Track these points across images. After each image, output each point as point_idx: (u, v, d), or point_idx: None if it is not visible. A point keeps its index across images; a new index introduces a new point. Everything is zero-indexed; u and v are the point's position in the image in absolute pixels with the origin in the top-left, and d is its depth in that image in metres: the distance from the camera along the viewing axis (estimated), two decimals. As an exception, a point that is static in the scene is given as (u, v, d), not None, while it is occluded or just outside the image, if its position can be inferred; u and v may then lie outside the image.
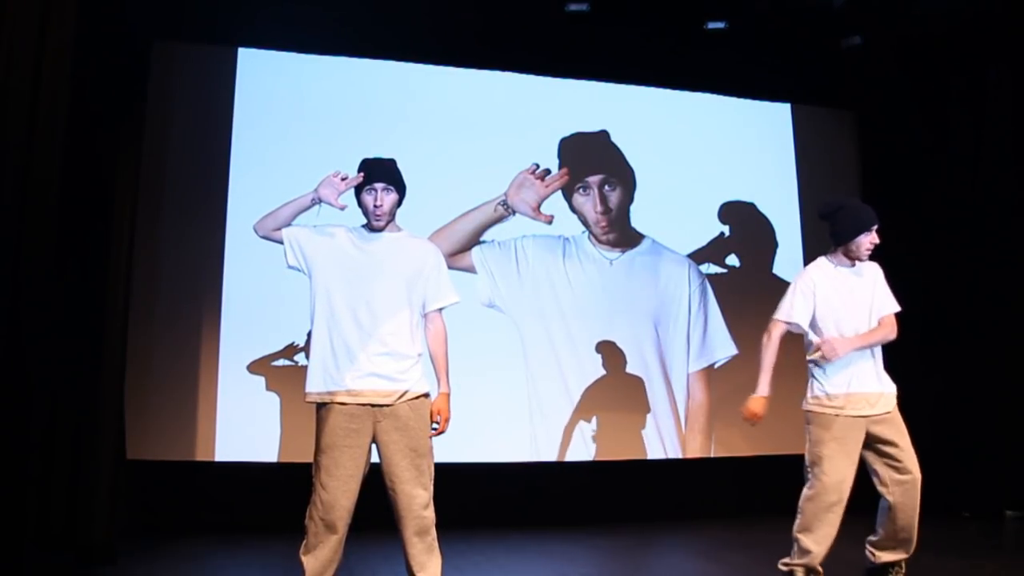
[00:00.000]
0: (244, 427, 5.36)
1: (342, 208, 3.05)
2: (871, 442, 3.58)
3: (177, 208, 5.53)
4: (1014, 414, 5.84)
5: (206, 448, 5.31)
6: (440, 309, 3.16)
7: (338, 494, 2.96)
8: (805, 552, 3.54)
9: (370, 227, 3.11)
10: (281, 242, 3.07)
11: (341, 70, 5.95)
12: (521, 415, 5.85)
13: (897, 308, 3.67)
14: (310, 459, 3.05)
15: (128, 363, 4.74)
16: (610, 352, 6.10)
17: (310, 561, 2.98)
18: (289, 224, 3.07)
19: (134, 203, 4.70)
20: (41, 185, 3.50)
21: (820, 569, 3.58)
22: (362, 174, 3.05)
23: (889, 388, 3.63)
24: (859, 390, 3.57)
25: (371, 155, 3.16)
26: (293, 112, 5.78)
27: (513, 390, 5.86)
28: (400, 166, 3.17)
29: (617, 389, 6.06)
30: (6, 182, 3.36)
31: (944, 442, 6.14)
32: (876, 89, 6.80)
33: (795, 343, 3.83)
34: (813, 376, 3.66)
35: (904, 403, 3.67)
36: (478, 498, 5.34)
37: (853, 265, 3.66)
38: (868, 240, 3.61)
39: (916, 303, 5.98)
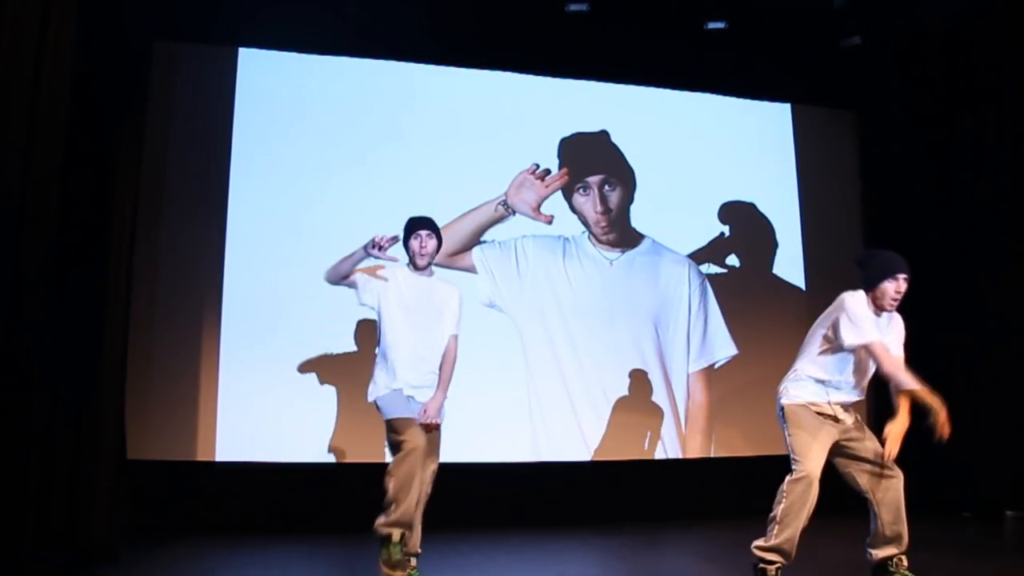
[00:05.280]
0: (244, 427, 5.36)
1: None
2: (845, 449, 3.68)
3: (177, 208, 5.52)
4: (1014, 414, 5.84)
5: (206, 448, 5.32)
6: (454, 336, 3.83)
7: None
8: (782, 534, 3.55)
9: (415, 266, 3.78)
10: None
11: (341, 70, 5.95)
12: (521, 415, 5.85)
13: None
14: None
15: (128, 363, 4.74)
16: (610, 352, 6.10)
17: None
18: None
19: (134, 203, 4.69)
20: (41, 185, 3.50)
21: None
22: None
23: (860, 396, 3.77)
24: (840, 400, 3.70)
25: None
26: (293, 112, 5.78)
27: (513, 390, 5.86)
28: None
29: (617, 389, 6.06)
30: (6, 182, 3.35)
31: (944, 442, 6.14)
32: (876, 89, 6.80)
33: (793, 344, 3.85)
34: (800, 380, 3.70)
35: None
36: (479, 498, 5.34)
37: (879, 315, 3.65)
38: (894, 288, 3.60)
39: (915, 303, 6.00)
